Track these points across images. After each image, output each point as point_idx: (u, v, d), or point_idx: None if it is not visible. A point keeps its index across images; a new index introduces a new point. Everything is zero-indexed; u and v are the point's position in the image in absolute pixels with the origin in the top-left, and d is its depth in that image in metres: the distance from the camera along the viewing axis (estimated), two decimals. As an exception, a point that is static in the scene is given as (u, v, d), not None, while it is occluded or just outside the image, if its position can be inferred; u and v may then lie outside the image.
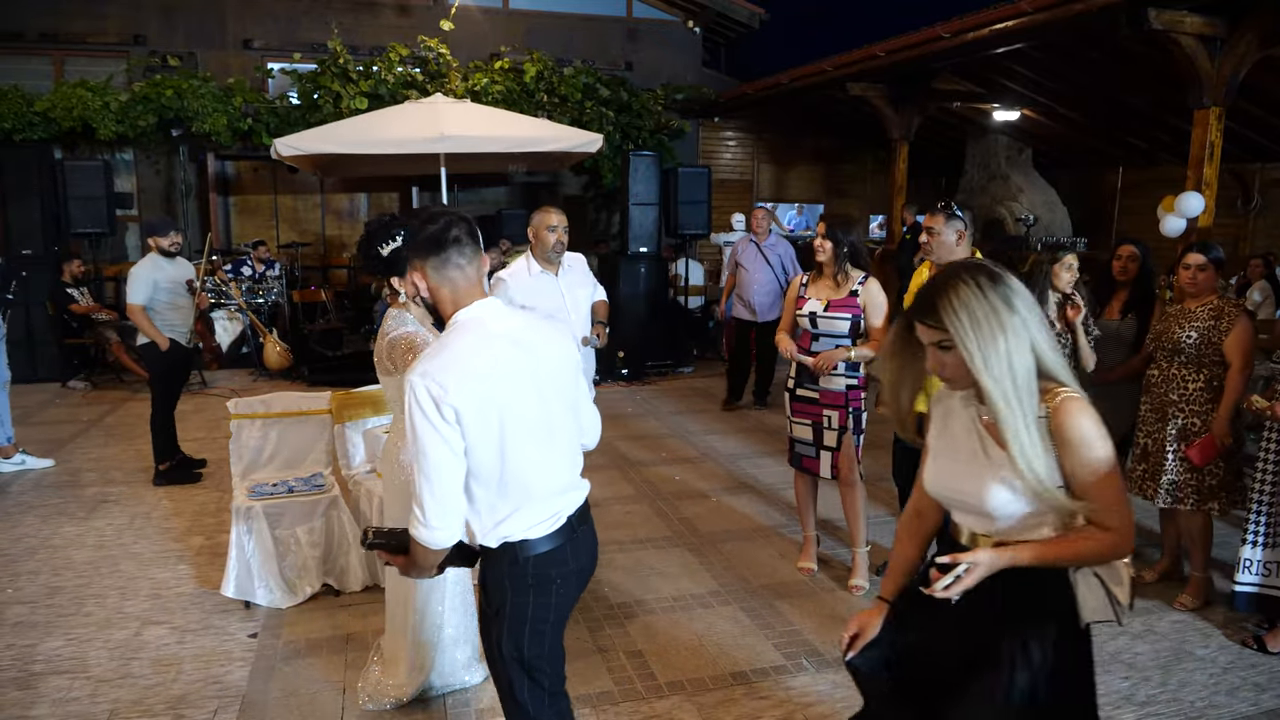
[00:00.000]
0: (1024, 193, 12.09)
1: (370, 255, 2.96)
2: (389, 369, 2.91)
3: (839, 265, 3.94)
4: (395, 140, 7.65)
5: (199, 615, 3.76)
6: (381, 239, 2.94)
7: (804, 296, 4.02)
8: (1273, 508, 3.49)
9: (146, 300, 5.31)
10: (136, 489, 5.42)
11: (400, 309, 3.01)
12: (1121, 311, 4.40)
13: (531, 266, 4.06)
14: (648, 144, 11.23)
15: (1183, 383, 3.81)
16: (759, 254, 7.38)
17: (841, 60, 8.97)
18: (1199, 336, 3.75)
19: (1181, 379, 3.81)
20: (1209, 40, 5.90)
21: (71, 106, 9.41)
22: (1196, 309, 3.82)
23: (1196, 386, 3.77)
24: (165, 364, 5.44)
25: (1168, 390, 3.85)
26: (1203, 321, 3.76)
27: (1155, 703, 3.15)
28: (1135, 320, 4.34)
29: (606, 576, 4.18)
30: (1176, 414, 3.81)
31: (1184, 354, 3.79)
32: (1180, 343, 3.79)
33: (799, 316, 4.01)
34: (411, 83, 10.45)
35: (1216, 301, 3.80)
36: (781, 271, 7.33)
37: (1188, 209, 6.14)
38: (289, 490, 3.95)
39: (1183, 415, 3.80)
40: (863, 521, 4.13)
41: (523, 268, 4.08)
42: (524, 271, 4.08)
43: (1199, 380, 3.77)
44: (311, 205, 11.53)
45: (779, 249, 7.44)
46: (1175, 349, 3.81)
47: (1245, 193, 10.50)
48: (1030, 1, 6.38)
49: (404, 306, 3.01)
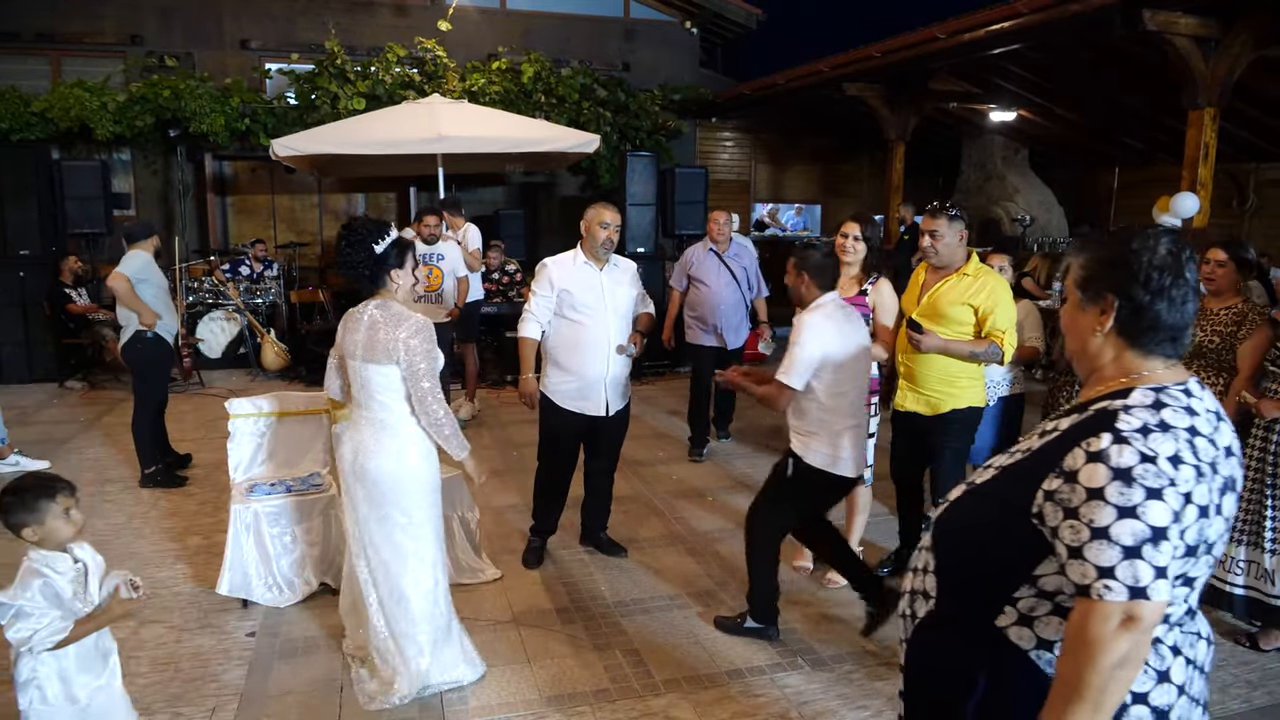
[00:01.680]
0: (1020, 193, 12.12)
1: (361, 258, 2.99)
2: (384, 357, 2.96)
3: (866, 268, 3.94)
4: (392, 141, 7.67)
5: (197, 614, 3.77)
6: (374, 238, 2.99)
7: None
8: (1253, 504, 3.50)
9: (135, 274, 5.23)
10: (134, 489, 5.43)
11: (388, 300, 3.06)
12: None
13: (578, 257, 4.06)
14: (645, 144, 11.24)
15: None
16: (720, 265, 6.11)
17: (838, 61, 8.99)
18: (1220, 342, 3.72)
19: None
20: (1203, 41, 5.92)
21: (69, 107, 9.41)
22: (1219, 311, 3.76)
23: (1215, 390, 3.74)
24: (148, 360, 5.38)
25: None
26: (1225, 327, 3.72)
27: (1148, 700, 3.17)
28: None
29: (603, 575, 4.19)
30: None
31: (1204, 357, 3.76)
32: (1201, 346, 3.74)
33: None
34: (409, 83, 10.45)
35: (1241, 306, 3.74)
36: (747, 287, 6.18)
37: (1182, 209, 6.16)
38: (286, 489, 3.96)
39: None
40: (859, 521, 4.14)
41: (569, 257, 4.08)
42: (569, 261, 4.08)
43: (1218, 384, 3.75)
44: (309, 205, 11.53)
45: (744, 259, 6.22)
46: (1196, 352, 3.76)
47: (1241, 193, 10.53)
48: (1026, 3, 6.40)
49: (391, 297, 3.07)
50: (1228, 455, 1.48)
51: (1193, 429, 1.42)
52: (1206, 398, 1.51)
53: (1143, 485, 1.35)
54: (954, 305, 3.71)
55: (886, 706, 3.11)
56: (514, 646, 3.51)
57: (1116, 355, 1.55)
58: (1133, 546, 1.33)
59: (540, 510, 4.35)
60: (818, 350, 3.26)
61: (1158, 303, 1.49)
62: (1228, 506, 1.46)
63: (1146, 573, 1.33)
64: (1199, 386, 1.52)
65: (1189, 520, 1.37)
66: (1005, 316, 3.67)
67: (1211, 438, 1.44)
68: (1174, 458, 1.37)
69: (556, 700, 3.13)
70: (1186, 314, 1.51)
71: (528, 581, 4.13)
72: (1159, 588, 1.33)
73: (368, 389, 3.05)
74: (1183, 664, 1.49)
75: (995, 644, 1.53)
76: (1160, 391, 1.46)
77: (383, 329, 2.97)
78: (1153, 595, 1.33)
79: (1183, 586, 1.45)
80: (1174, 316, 1.50)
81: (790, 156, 13.27)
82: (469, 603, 3.84)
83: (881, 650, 3.50)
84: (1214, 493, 1.41)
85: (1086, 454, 1.40)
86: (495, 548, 4.46)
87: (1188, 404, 1.46)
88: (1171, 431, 1.40)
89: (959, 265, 3.76)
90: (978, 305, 3.68)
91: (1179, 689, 1.47)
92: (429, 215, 6.60)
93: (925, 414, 3.81)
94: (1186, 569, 1.42)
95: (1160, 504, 1.34)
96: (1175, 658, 1.49)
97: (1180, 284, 1.49)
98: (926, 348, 3.68)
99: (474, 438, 6.76)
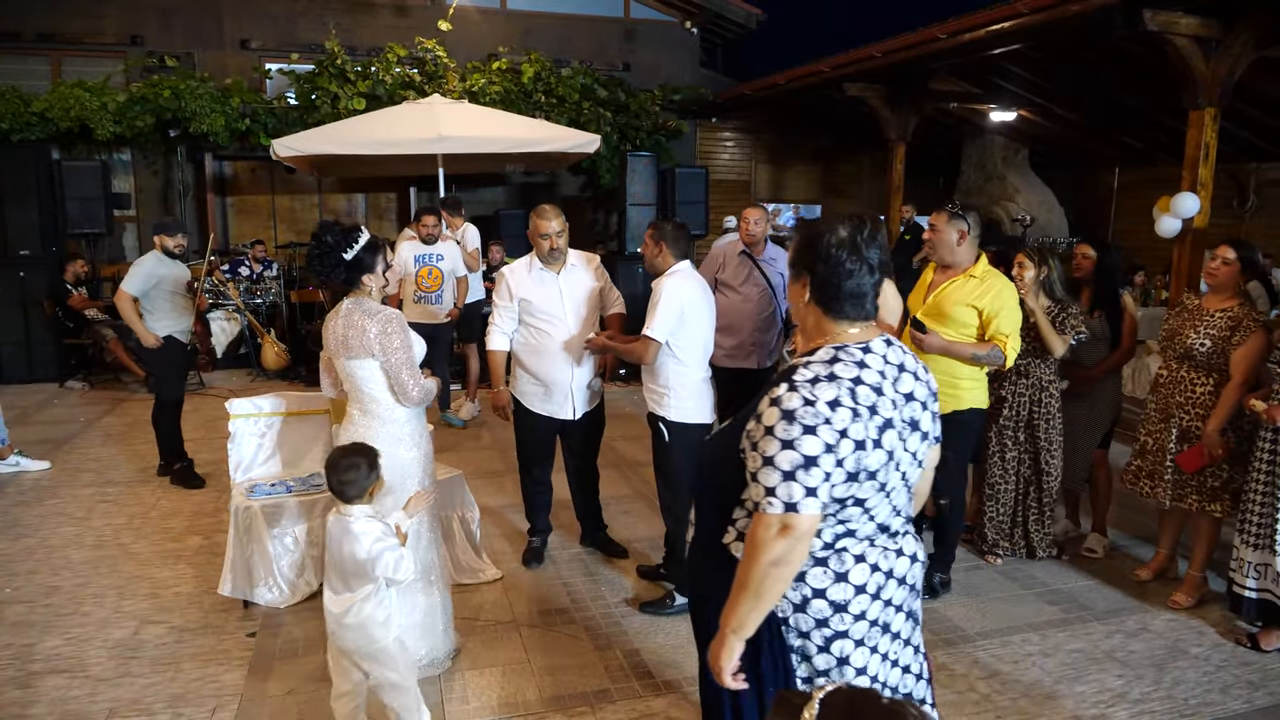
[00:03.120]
0: (1021, 193, 12.12)
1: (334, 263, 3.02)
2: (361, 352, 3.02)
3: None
4: (393, 141, 7.67)
5: (197, 614, 3.77)
6: (344, 246, 3.01)
7: None
8: (1264, 509, 3.49)
9: (139, 292, 5.30)
10: (135, 489, 5.43)
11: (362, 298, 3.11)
12: (1088, 309, 4.41)
13: (533, 263, 4.04)
14: (645, 144, 11.24)
15: (1190, 385, 3.78)
16: (755, 270, 5.15)
17: (839, 61, 8.99)
18: (1212, 345, 3.70)
19: (1190, 382, 3.78)
20: (1204, 41, 5.91)
21: (69, 107, 9.41)
22: (1214, 312, 3.74)
23: (1205, 390, 3.75)
24: (162, 360, 5.46)
25: (1174, 392, 3.83)
26: (1219, 330, 3.69)
27: (1149, 700, 3.17)
28: (1102, 317, 4.35)
29: (604, 575, 4.19)
30: (1181, 416, 3.80)
31: (1194, 359, 3.76)
32: (1192, 349, 3.74)
33: None
34: (409, 83, 10.45)
35: (1237, 310, 3.71)
36: (783, 295, 5.09)
37: (1183, 209, 6.15)
38: (287, 490, 3.96)
39: (1187, 418, 3.79)
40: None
41: (524, 264, 4.06)
42: (524, 268, 4.06)
43: (1208, 384, 3.74)
44: (309, 205, 11.53)
45: (780, 264, 5.15)
46: (1187, 354, 3.77)
47: (1241, 193, 10.54)
48: (1026, 3, 6.40)
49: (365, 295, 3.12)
50: (908, 400, 1.85)
51: (858, 379, 1.77)
52: (892, 354, 1.86)
53: (801, 423, 1.70)
54: (958, 306, 3.70)
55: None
56: (514, 646, 3.51)
57: (816, 320, 1.90)
58: (789, 471, 1.69)
59: (529, 510, 4.40)
60: (677, 308, 3.61)
61: (835, 275, 1.83)
62: (889, 441, 1.78)
63: (799, 491, 1.69)
64: (885, 344, 1.87)
65: (845, 452, 1.72)
66: (1009, 320, 3.67)
67: (878, 386, 1.78)
68: (833, 402, 1.72)
69: (556, 700, 3.13)
70: (863, 284, 1.84)
71: (528, 581, 4.13)
72: (809, 504, 1.70)
73: (354, 383, 3.12)
74: (866, 570, 1.85)
75: (726, 559, 1.89)
76: (841, 349, 1.82)
77: (356, 325, 3.03)
78: (802, 509, 1.70)
79: (855, 506, 1.80)
80: (851, 286, 1.83)
81: (791, 156, 13.27)
82: (469, 603, 3.84)
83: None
84: (871, 429, 1.75)
85: (769, 400, 1.76)
86: (495, 547, 4.46)
87: (861, 359, 1.81)
88: (836, 381, 1.75)
89: (965, 266, 3.76)
90: (982, 307, 3.68)
91: (857, 588, 1.84)
92: (428, 215, 6.60)
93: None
94: (854, 492, 1.77)
95: (813, 438, 1.69)
96: (858, 564, 1.84)
97: (854, 259, 1.82)
98: (929, 348, 3.68)
99: (474, 437, 6.77)
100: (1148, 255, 10.27)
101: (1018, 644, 3.57)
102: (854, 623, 1.84)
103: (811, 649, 1.85)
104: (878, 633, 1.89)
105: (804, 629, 1.84)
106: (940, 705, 3.12)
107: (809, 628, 1.84)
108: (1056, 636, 3.63)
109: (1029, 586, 4.12)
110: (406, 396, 3.10)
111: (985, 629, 3.70)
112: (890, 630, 1.91)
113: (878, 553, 1.87)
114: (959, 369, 3.73)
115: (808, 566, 1.82)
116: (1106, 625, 3.74)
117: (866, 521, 1.84)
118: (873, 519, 1.84)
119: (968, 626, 3.72)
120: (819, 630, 1.84)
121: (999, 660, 3.44)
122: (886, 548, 1.88)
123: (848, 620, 1.84)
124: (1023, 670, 3.37)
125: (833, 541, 1.83)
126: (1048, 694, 3.20)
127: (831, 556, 1.83)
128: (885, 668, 1.92)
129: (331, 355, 3.18)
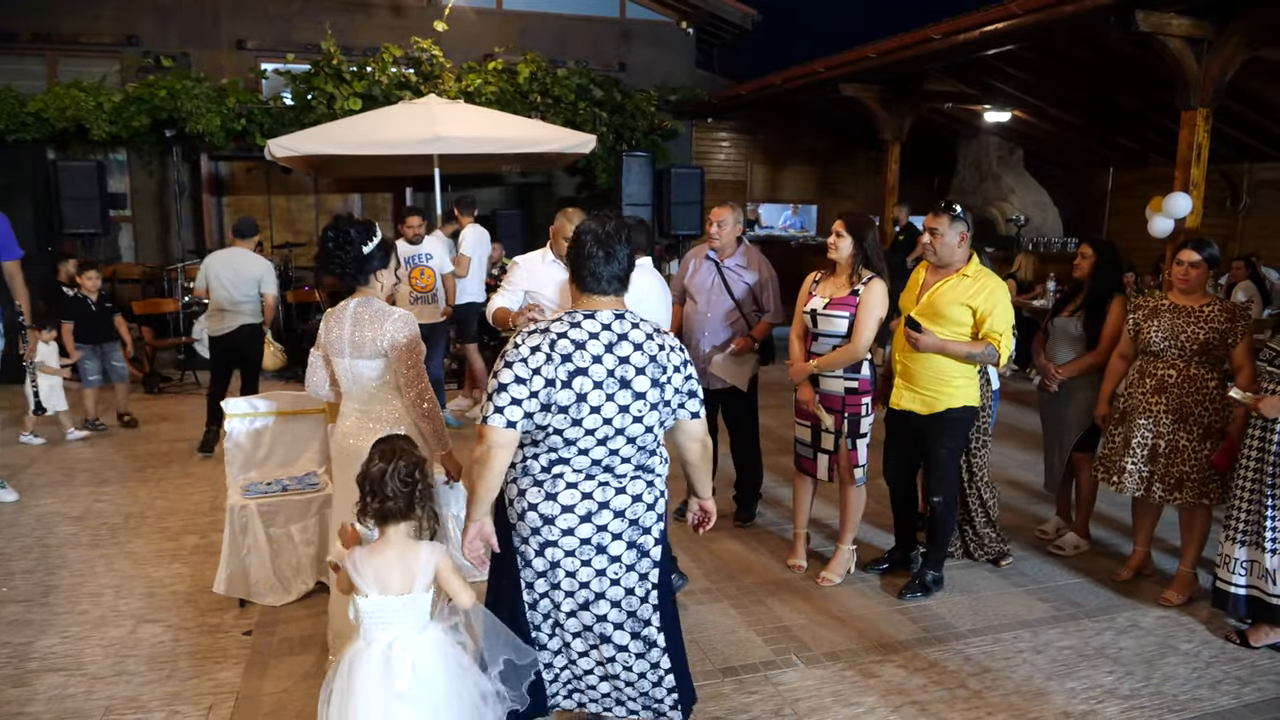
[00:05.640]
0: (1015, 193, 12.16)
1: (348, 258, 3.03)
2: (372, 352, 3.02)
3: (855, 266, 3.92)
4: (389, 141, 7.67)
5: (194, 613, 3.79)
6: (365, 239, 3.04)
7: (812, 293, 4.03)
8: (1253, 505, 3.51)
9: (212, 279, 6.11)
10: (131, 488, 5.44)
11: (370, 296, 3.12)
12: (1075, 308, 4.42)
13: (546, 256, 4.06)
14: (641, 145, 11.26)
15: (1204, 383, 3.78)
16: (718, 278, 4.63)
17: (834, 61, 9.01)
18: (1218, 338, 3.74)
19: (1202, 379, 3.78)
20: (1196, 42, 5.94)
21: (65, 107, 9.40)
22: (1203, 308, 3.79)
23: (1214, 385, 3.78)
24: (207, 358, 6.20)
25: (1186, 392, 3.79)
26: (1219, 323, 3.74)
27: (1139, 696, 3.20)
28: (1082, 317, 4.32)
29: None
30: (1202, 414, 3.78)
31: (1205, 354, 3.76)
32: (1207, 343, 3.74)
33: (803, 313, 4.03)
34: (405, 83, 10.46)
35: (1220, 304, 3.79)
36: (753, 308, 4.62)
37: (1175, 210, 6.19)
38: (283, 489, 3.97)
39: (1207, 415, 3.77)
40: (852, 520, 4.16)
41: (538, 256, 4.08)
42: (538, 260, 4.08)
43: (1214, 378, 3.78)
44: (305, 206, 11.53)
45: (746, 275, 4.60)
46: (1200, 349, 3.76)
47: (1234, 193, 10.58)
48: (1020, 3, 6.42)
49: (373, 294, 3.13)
50: (621, 362, 2.31)
51: (563, 334, 2.29)
52: (618, 325, 2.35)
53: (504, 360, 2.29)
54: (952, 305, 3.73)
55: (880, 703, 3.13)
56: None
57: (575, 295, 2.46)
58: (490, 394, 2.28)
59: None
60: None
61: (580, 260, 2.40)
62: (580, 385, 2.26)
63: (490, 409, 2.27)
64: (612, 316, 2.36)
65: (537, 386, 2.25)
66: (1003, 319, 3.69)
67: (581, 342, 2.28)
68: (535, 347, 2.28)
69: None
70: (600, 267, 2.37)
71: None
72: (495, 419, 2.25)
73: (359, 382, 3.11)
74: (577, 495, 2.35)
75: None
76: (572, 314, 2.36)
77: (368, 325, 3.03)
78: (491, 423, 2.26)
79: (555, 436, 2.30)
80: (588, 269, 2.38)
81: (786, 157, 13.30)
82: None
83: (877, 647, 3.53)
84: (561, 372, 2.25)
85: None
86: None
87: (578, 321, 2.33)
88: (546, 334, 2.30)
89: (959, 265, 3.78)
90: (976, 306, 3.70)
91: (565, 508, 2.35)
92: (412, 216, 6.66)
93: (921, 412, 3.84)
94: (551, 421, 2.28)
95: (509, 370, 2.27)
96: (569, 489, 2.35)
97: (594, 248, 2.37)
98: (924, 347, 3.71)
99: (473, 437, 6.78)
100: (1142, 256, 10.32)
101: (1009, 641, 3.60)
102: (562, 536, 2.36)
103: (530, 553, 2.41)
104: (590, 550, 2.38)
105: (524, 535, 2.40)
106: (931, 702, 3.15)
107: (526, 534, 2.39)
108: (1047, 633, 3.66)
109: (1020, 584, 4.14)
110: (412, 398, 3.07)
111: (977, 626, 3.73)
112: (607, 552, 2.40)
113: (593, 484, 2.37)
114: (951, 367, 3.76)
115: (528, 486, 2.36)
116: (1097, 622, 3.77)
117: (578, 455, 2.33)
118: (585, 454, 2.33)
119: (959, 623, 3.74)
120: (535, 537, 2.38)
121: (990, 657, 3.47)
122: (606, 483, 2.38)
123: (555, 532, 2.36)
124: (1014, 667, 3.40)
125: (549, 466, 2.35)
126: (1038, 690, 3.23)
127: (547, 480, 2.35)
128: (602, 581, 2.42)
129: (332, 354, 3.16)
